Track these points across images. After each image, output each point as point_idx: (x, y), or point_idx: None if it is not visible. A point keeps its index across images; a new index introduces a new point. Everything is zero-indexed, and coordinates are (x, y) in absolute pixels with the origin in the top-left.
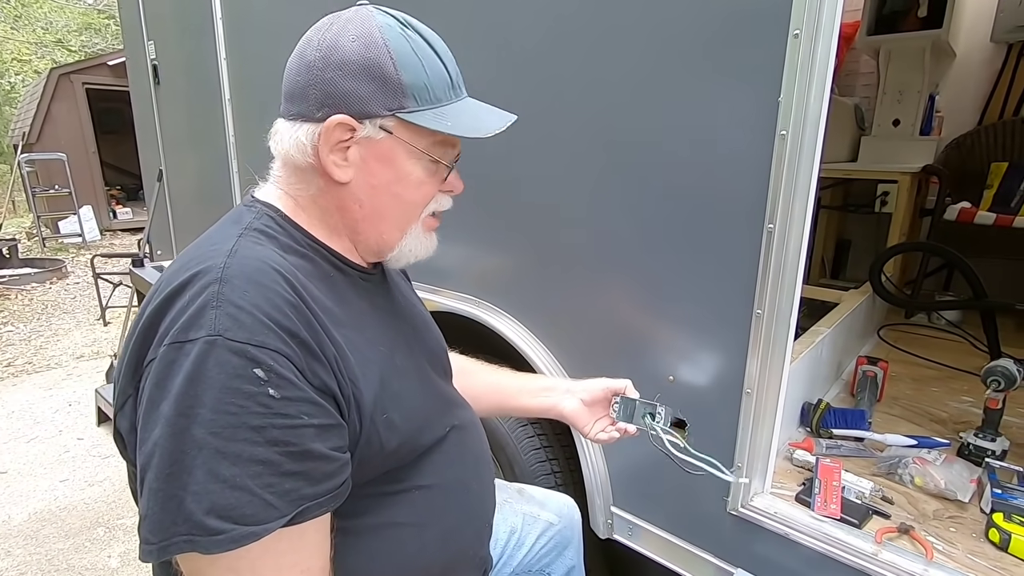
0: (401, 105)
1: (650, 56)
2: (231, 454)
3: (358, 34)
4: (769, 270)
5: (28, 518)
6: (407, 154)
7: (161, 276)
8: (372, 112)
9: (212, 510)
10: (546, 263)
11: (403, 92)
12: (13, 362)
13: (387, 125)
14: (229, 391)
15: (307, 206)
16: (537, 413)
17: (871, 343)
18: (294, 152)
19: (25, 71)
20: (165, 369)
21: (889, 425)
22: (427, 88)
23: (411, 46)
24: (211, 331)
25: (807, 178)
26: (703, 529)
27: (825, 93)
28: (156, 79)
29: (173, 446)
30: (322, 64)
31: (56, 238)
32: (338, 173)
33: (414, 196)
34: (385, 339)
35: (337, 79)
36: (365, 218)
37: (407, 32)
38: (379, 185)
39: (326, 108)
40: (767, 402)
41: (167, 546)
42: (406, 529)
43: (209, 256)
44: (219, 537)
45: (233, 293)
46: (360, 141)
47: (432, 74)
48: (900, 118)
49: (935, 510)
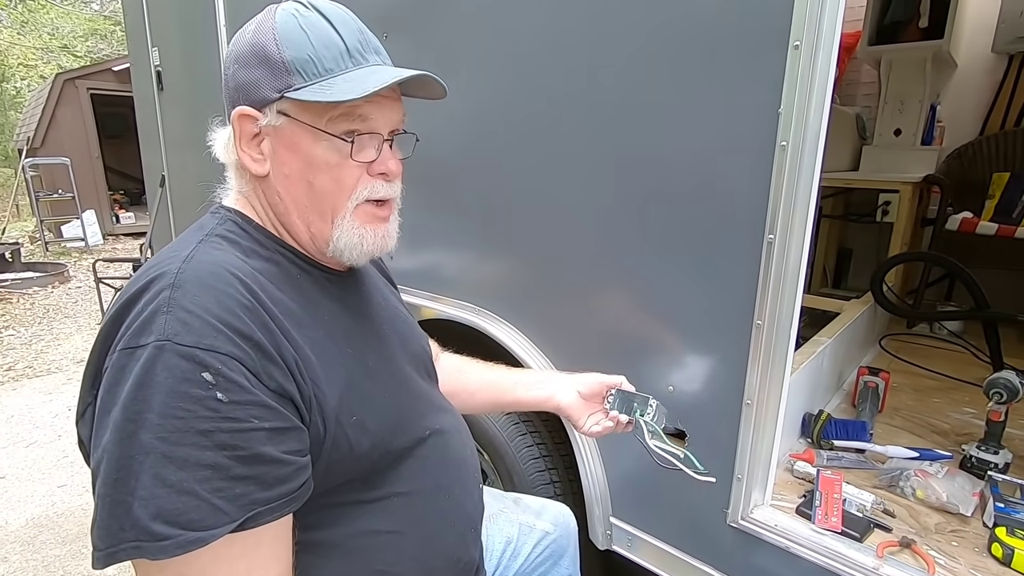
0: (288, 84)
1: (650, 66)
2: (178, 458)
3: (255, 26)
4: (769, 281)
5: (25, 524)
6: (312, 137)
7: (126, 284)
8: (266, 97)
9: (159, 515)
10: (546, 272)
11: (287, 69)
12: (14, 366)
13: (284, 108)
14: (176, 395)
15: (256, 206)
16: (533, 406)
17: (873, 353)
18: (222, 153)
19: (31, 76)
20: (117, 375)
21: (890, 436)
22: (312, 61)
23: (298, 23)
24: (160, 336)
25: (807, 189)
26: (703, 541)
27: (825, 104)
28: (160, 85)
29: (121, 451)
30: (227, 63)
31: (59, 242)
32: (254, 167)
33: (327, 181)
34: (355, 340)
35: (236, 73)
36: (288, 211)
37: (300, 10)
38: (291, 174)
39: (232, 103)
40: (767, 413)
41: (115, 552)
42: (383, 537)
43: (166, 263)
44: (165, 543)
45: (184, 298)
46: (267, 131)
47: (320, 45)
48: (901, 128)
49: (937, 524)
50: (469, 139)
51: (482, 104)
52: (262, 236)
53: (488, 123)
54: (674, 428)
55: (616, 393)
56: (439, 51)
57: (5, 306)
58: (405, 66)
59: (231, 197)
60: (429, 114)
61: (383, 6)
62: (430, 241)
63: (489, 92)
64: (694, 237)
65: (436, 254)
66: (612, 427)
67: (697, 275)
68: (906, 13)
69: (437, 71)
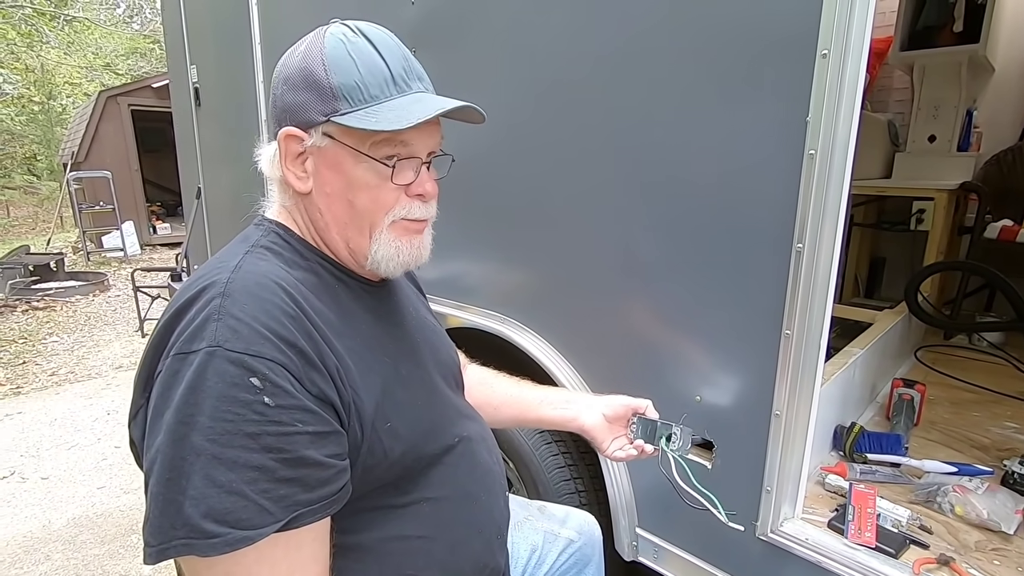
0: (334, 109)
1: (676, 75)
2: (227, 460)
3: (304, 48)
4: (798, 290)
5: (67, 523)
6: (354, 159)
7: (176, 293)
8: (312, 120)
9: (209, 514)
10: (571, 281)
11: (334, 95)
12: (57, 371)
13: (329, 131)
14: (226, 399)
15: (297, 219)
16: (557, 425)
17: (907, 365)
18: (268, 168)
19: (76, 94)
20: (170, 379)
21: (927, 451)
22: (359, 87)
23: (347, 49)
24: (211, 342)
25: (837, 198)
26: (731, 554)
27: (855, 112)
28: (197, 101)
29: (173, 452)
30: (276, 83)
31: (99, 252)
32: (297, 184)
33: (366, 201)
34: (389, 349)
35: (284, 93)
36: (327, 226)
37: (348, 36)
38: (332, 193)
39: (279, 123)
40: (797, 424)
41: (166, 549)
42: (414, 542)
43: (216, 272)
44: (215, 540)
45: (234, 306)
46: (312, 151)
47: (367, 72)
48: (936, 134)
49: (977, 541)
50: (496, 148)
51: (510, 114)
52: (302, 247)
53: (515, 133)
54: (701, 439)
55: (638, 421)
56: (465, 62)
57: (49, 314)
58: (434, 78)
59: (273, 209)
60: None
61: (410, 20)
62: (456, 250)
63: (516, 102)
64: (721, 246)
65: (462, 263)
66: (636, 455)
67: (725, 284)
68: (939, 18)
69: (463, 81)
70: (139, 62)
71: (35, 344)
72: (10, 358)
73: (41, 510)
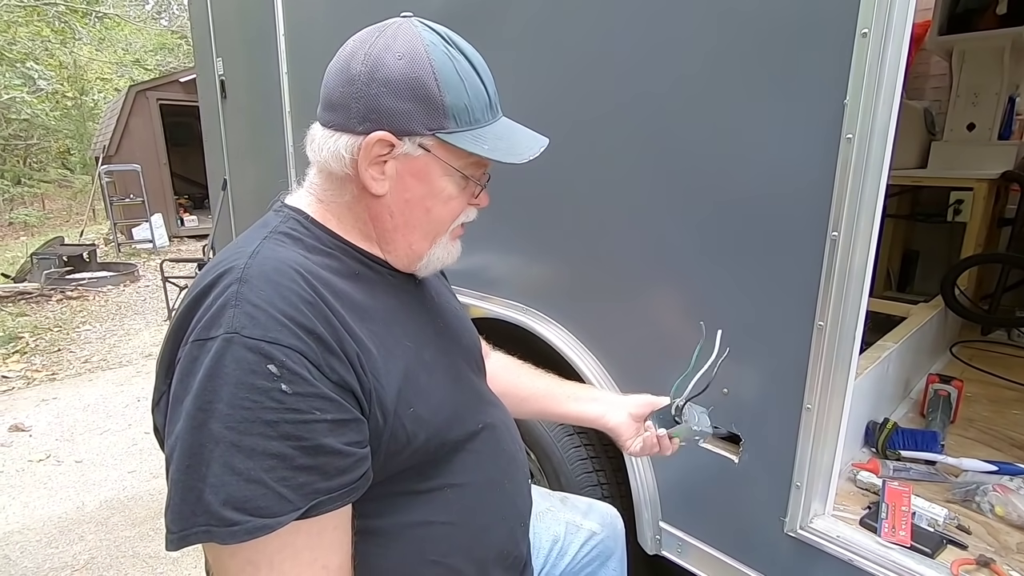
0: (441, 126)
1: (708, 57)
2: (246, 448)
3: (404, 51)
4: (833, 280)
5: (99, 506)
6: (441, 171)
7: (195, 278)
8: (413, 130)
9: (228, 502)
10: (596, 271)
11: (444, 113)
12: (90, 359)
13: (426, 143)
14: (244, 386)
15: (340, 213)
16: (582, 421)
17: (943, 360)
18: (332, 162)
19: (107, 89)
20: (189, 366)
21: (964, 449)
22: (467, 109)
23: (455, 66)
24: (229, 329)
25: (875, 184)
26: (758, 550)
27: (896, 95)
28: (223, 94)
29: (192, 439)
30: (367, 79)
31: (130, 244)
32: (374, 186)
33: (444, 211)
34: (413, 334)
35: (381, 95)
36: (395, 228)
37: (451, 51)
38: (412, 199)
39: (368, 123)
40: (829, 419)
41: (187, 535)
42: (437, 527)
43: (233, 258)
44: (235, 528)
45: (251, 292)
46: (397, 156)
47: (473, 95)
48: (975, 122)
49: (1019, 543)
50: None
51: (537, 104)
52: (323, 233)
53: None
54: (727, 431)
55: (652, 415)
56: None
57: (82, 303)
58: None
59: (299, 196)
60: None
61: (437, 10)
62: (480, 241)
63: (543, 88)
64: (753, 233)
65: (486, 254)
66: (655, 444)
67: (756, 273)
68: (981, 0)
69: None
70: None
71: (69, 332)
72: (46, 345)
73: (75, 492)
